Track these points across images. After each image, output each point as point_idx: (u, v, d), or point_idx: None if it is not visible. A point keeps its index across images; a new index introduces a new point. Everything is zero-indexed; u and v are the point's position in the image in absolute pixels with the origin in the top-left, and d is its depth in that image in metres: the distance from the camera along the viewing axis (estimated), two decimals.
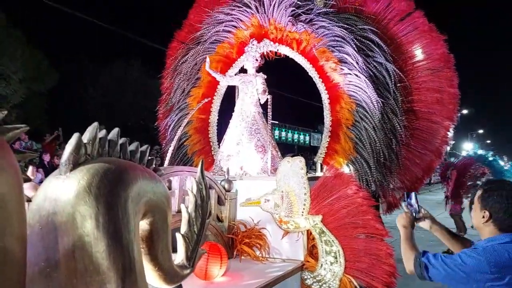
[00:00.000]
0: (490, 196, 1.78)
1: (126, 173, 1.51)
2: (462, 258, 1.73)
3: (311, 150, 21.19)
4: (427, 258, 1.89)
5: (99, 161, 1.46)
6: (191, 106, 5.79)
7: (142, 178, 1.58)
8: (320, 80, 5.19)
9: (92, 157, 1.49)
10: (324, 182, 3.79)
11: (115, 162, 1.52)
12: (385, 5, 5.26)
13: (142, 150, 1.76)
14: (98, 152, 1.52)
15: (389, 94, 4.88)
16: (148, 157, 1.77)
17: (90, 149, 1.48)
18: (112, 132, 1.65)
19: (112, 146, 1.59)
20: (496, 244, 1.72)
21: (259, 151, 4.86)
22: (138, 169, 1.61)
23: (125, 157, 1.65)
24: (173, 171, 3.16)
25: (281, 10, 5.25)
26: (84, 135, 1.52)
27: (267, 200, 3.88)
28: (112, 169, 1.45)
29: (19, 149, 1.16)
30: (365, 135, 4.76)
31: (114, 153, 1.59)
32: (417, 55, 5.21)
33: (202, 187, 2.21)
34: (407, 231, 2.17)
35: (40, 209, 1.35)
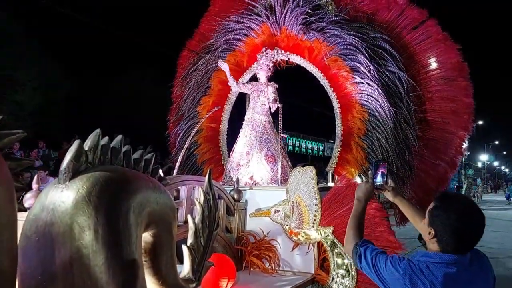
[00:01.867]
0: (438, 216, 1.65)
1: (129, 182, 1.44)
2: (387, 265, 1.65)
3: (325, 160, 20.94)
4: (364, 249, 1.80)
5: (100, 169, 1.40)
6: (201, 114, 5.75)
7: (146, 188, 1.52)
8: (331, 89, 5.12)
9: (94, 165, 1.43)
10: (335, 192, 3.70)
11: (118, 170, 1.46)
12: (397, 14, 5.18)
13: (147, 159, 1.70)
14: (100, 160, 1.46)
15: (402, 104, 4.79)
16: (153, 166, 1.71)
17: (92, 157, 1.42)
18: (116, 139, 1.60)
19: (115, 154, 1.53)
20: (429, 262, 1.61)
21: (269, 161, 4.79)
22: (142, 178, 1.55)
23: (129, 165, 1.58)
24: (180, 180, 3.10)
25: (293, 19, 5.21)
26: (86, 142, 1.46)
27: (277, 211, 3.79)
28: (114, 177, 1.39)
29: (14, 156, 1.11)
30: (377, 145, 4.66)
31: (117, 161, 1.53)
32: (431, 64, 5.11)
33: (210, 198, 2.14)
34: (360, 206, 2.05)
35: (37, 219, 1.29)
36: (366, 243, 1.85)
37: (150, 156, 1.72)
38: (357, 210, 2.05)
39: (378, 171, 2.18)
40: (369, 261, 1.75)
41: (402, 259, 1.66)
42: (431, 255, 1.63)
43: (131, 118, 17.00)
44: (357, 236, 1.93)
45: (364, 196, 2.06)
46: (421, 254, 1.68)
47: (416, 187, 4.98)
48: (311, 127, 21.24)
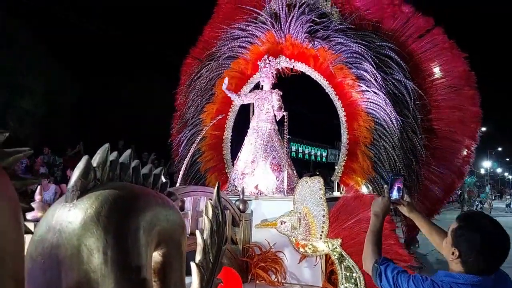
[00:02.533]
0: (463, 236, 1.60)
1: (138, 200, 1.38)
2: (409, 285, 1.59)
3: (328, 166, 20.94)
4: (385, 268, 1.74)
5: (109, 187, 1.34)
6: (205, 122, 5.70)
7: (155, 205, 1.45)
8: (337, 97, 5.07)
9: (102, 182, 1.37)
10: (344, 203, 3.63)
11: (127, 188, 1.40)
12: (403, 22, 5.15)
13: (156, 173, 1.63)
14: (109, 177, 1.40)
15: (409, 112, 4.74)
16: (162, 181, 1.65)
17: (100, 174, 1.36)
18: (124, 154, 1.53)
19: (124, 170, 1.47)
20: (453, 283, 1.56)
21: (274, 170, 4.72)
22: (151, 195, 1.49)
23: (138, 181, 1.52)
24: (186, 191, 3.04)
25: (298, 27, 5.17)
26: (94, 158, 1.40)
27: (284, 222, 3.72)
28: (123, 196, 1.32)
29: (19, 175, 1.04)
30: (384, 154, 4.60)
31: (126, 177, 1.47)
32: (437, 73, 5.07)
33: (219, 212, 2.08)
34: (378, 221, 1.95)
35: (43, 240, 1.23)
36: (386, 261, 1.78)
37: (159, 171, 1.65)
38: (375, 226, 1.97)
39: (394, 186, 2.11)
40: (390, 280, 1.69)
41: (425, 279, 1.60)
42: (455, 276, 1.57)
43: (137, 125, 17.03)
44: (376, 253, 1.85)
45: (382, 211, 1.99)
46: (443, 274, 1.62)
47: (423, 197, 4.92)
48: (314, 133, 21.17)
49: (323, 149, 21.60)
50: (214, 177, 5.70)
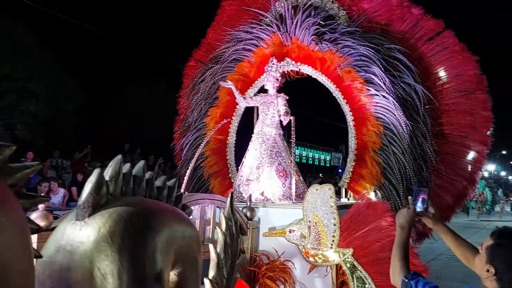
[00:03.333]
0: (500, 253, 1.57)
1: (155, 217, 1.27)
2: None
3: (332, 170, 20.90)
4: (415, 283, 1.69)
5: (123, 202, 1.22)
6: (208, 126, 5.58)
7: (172, 221, 1.34)
8: (344, 101, 4.96)
9: (115, 196, 1.25)
10: (355, 212, 3.51)
11: (141, 203, 1.29)
12: (412, 24, 5.05)
13: (170, 186, 1.52)
14: (122, 191, 1.28)
15: (419, 117, 4.63)
16: (176, 193, 1.54)
17: (113, 188, 1.25)
18: (138, 166, 1.42)
19: (138, 183, 1.36)
20: None
21: (280, 176, 4.61)
22: (167, 210, 1.37)
23: (152, 194, 1.41)
24: (193, 199, 2.92)
25: (304, 29, 5.06)
26: (106, 170, 1.29)
27: (293, 230, 3.61)
28: (138, 213, 1.21)
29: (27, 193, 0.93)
30: (393, 159, 4.49)
31: (140, 191, 1.36)
32: (447, 76, 4.97)
33: (232, 224, 1.97)
34: (404, 233, 1.91)
35: (52, 262, 1.11)
36: (416, 276, 1.72)
37: (173, 183, 1.54)
38: (401, 238, 1.90)
39: (418, 197, 2.04)
40: None
41: None
42: None
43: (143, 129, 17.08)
44: (405, 267, 1.79)
45: (407, 223, 1.92)
46: None
47: (433, 204, 4.80)
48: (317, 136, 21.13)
49: (327, 153, 21.50)
50: (218, 182, 5.59)
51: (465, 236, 2.07)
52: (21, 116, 13.67)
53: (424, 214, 2.02)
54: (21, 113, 13.63)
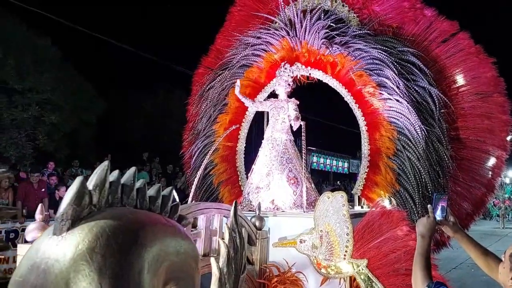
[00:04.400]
0: None
1: (143, 230, 1.14)
2: None
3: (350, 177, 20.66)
4: None
5: (107, 214, 1.10)
6: (217, 133, 5.48)
7: (164, 235, 1.21)
8: (356, 106, 4.82)
9: (100, 207, 1.13)
10: (369, 220, 3.35)
11: (129, 215, 1.16)
12: (425, 26, 4.89)
13: (165, 195, 1.39)
14: (107, 201, 1.16)
15: (434, 121, 4.46)
16: (171, 203, 1.41)
17: (97, 197, 1.13)
18: (128, 172, 1.30)
19: (127, 192, 1.24)
20: None
21: (291, 183, 4.46)
22: (159, 223, 1.25)
23: (143, 205, 1.28)
24: (198, 208, 2.80)
25: (314, 33, 4.94)
26: (91, 178, 1.17)
27: (304, 241, 3.45)
28: (124, 226, 1.09)
29: None
30: (408, 165, 4.32)
31: (129, 201, 1.24)
32: (463, 79, 4.80)
33: (236, 235, 1.83)
34: (424, 243, 1.85)
35: (25, 282, 0.99)
36: (440, 285, 1.68)
37: (168, 192, 1.41)
38: (423, 248, 1.84)
39: (438, 205, 1.95)
40: None
41: None
42: None
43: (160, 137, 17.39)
44: (427, 277, 1.74)
45: (428, 232, 1.86)
46: None
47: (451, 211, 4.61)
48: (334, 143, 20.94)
49: (344, 159, 21.23)
50: (227, 191, 5.47)
51: (488, 244, 1.96)
52: (44, 127, 14.08)
53: (444, 222, 1.94)
54: (43, 124, 14.05)
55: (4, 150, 12.97)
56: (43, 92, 13.71)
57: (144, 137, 17.57)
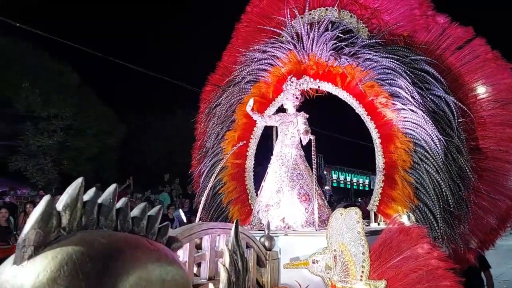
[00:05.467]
0: None
1: (119, 256, 0.97)
2: None
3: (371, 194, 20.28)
4: None
5: (76, 239, 0.93)
6: (226, 150, 5.33)
7: (146, 261, 1.04)
8: (368, 118, 4.62)
9: (70, 230, 0.97)
10: (387, 238, 3.12)
11: (101, 239, 0.99)
12: (438, 34, 4.72)
13: (151, 215, 1.22)
14: (80, 223, 1.00)
15: (452, 131, 4.23)
16: (158, 225, 1.24)
17: (67, 219, 0.96)
18: (107, 191, 1.14)
19: (104, 213, 1.07)
20: None
21: (302, 200, 4.26)
22: (141, 246, 1.08)
23: (124, 227, 1.12)
24: (203, 229, 2.62)
25: (322, 44, 4.80)
26: (61, 197, 1.01)
27: (317, 261, 3.23)
28: (95, 252, 0.92)
29: None
30: (427, 179, 4.08)
31: (107, 222, 1.07)
32: (480, 86, 4.59)
33: (238, 258, 1.65)
34: None
35: None
36: None
37: (155, 212, 1.24)
38: None
39: None
40: None
41: None
42: None
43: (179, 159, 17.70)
44: None
45: None
46: None
47: (474, 226, 4.35)
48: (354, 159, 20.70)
49: (365, 176, 20.85)
50: (237, 210, 5.30)
51: None
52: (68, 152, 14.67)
53: None
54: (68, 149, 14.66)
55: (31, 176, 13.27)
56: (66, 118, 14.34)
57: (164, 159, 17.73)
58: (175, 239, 1.34)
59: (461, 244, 4.07)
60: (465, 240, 4.26)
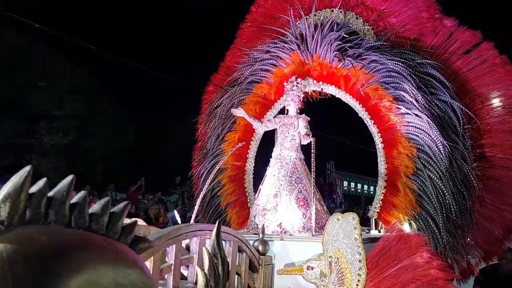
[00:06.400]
0: None
1: (63, 256, 0.86)
2: None
3: None
4: None
5: (12, 235, 0.82)
6: (225, 152, 5.21)
7: (97, 263, 0.93)
8: (371, 122, 4.50)
9: (8, 225, 0.86)
10: (385, 246, 2.99)
11: (45, 236, 0.88)
12: (445, 37, 4.61)
13: (114, 212, 1.11)
14: (23, 217, 0.89)
15: (457, 137, 4.10)
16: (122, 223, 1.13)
17: (6, 212, 0.86)
18: (62, 183, 1.02)
19: (55, 207, 0.96)
20: None
21: (300, 205, 4.12)
22: (94, 245, 0.96)
23: (80, 223, 1.01)
24: (190, 230, 2.51)
25: (326, 45, 4.69)
26: (3, 188, 0.90)
27: (311, 267, 3.10)
28: (31, 251, 0.81)
29: None
30: (430, 186, 3.95)
31: (58, 218, 0.96)
32: (488, 92, 4.46)
33: (218, 262, 1.53)
34: None
35: None
36: None
37: (119, 209, 1.13)
38: None
39: None
40: None
41: None
42: None
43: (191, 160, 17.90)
44: None
45: None
46: None
47: (478, 236, 4.20)
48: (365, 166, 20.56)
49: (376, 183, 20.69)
50: (235, 213, 5.18)
51: None
52: (81, 151, 14.91)
53: None
54: (80, 148, 14.91)
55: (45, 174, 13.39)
56: (80, 118, 14.62)
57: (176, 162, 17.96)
58: (143, 239, 1.23)
59: (464, 254, 3.93)
60: (469, 250, 4.12)
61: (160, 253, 2.31)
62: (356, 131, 13.94)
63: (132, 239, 1.16)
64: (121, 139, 16.66)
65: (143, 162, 17.00)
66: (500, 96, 4.38)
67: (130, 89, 17.32)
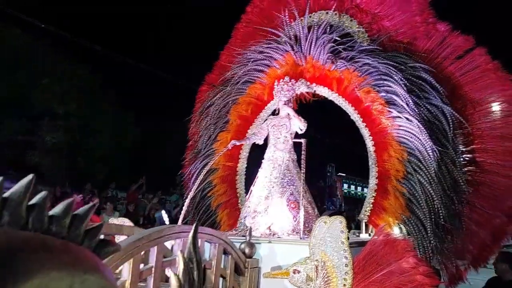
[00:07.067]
0: None
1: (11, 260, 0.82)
2: None
3: None
4: None
5: None
6: (217, 152, 5.19)
7: (50, 268, 0.89)
8: (363, 125, 4.49)
9: None
10: (371, 250, 2.96)
11: None
12: (438, 42, 4.60)
13: (76, 214, 1.07)
14: None
15: (447, 142, 4.09)
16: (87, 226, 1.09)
17: None
18: (19, 183, 0.98)
19: (10, 208, 0.92)
20: None
21: (291, 208, 4.09)
22: (48, 249, 0.92)
23: (37, 226, 0.97)
24: (173, 232, 2.47)
25: (319, 47, 4.67)
26: None
27: (297, 271, 3.07)
28: None
29: None
30: (419, 190, 3.94)
31: (12, 219, 0.92)
32: (479, 97, 4.45)
33: (193, 266, 1.49)
34: None
35: None
36: None
37: (83, 211, 1.08)
38: None
39: None
40: None
41: None
42: None
43: None
44: None
45: None
46: None
47: (468, 242, 4.18)
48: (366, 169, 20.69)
49: None
50: (225, 214, 5.14)
51: None
52: (82, 150, 15.02)
53: None
54: (82, 147, 15.01)
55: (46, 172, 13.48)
56: (81, 117, 14.72)
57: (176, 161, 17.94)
58: (109, 243, 1.18)
59: (452, 259, 3.91)
60: (457, 255, 4.10)
61: (141, 255, 2.28)
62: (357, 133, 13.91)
63: (97, 242, 1.13)
64: (122, 139, 16.74)
65: (144, 162, 17.05)
66: (492, 101, 4.37)
67: (130, 89, 17.39)
